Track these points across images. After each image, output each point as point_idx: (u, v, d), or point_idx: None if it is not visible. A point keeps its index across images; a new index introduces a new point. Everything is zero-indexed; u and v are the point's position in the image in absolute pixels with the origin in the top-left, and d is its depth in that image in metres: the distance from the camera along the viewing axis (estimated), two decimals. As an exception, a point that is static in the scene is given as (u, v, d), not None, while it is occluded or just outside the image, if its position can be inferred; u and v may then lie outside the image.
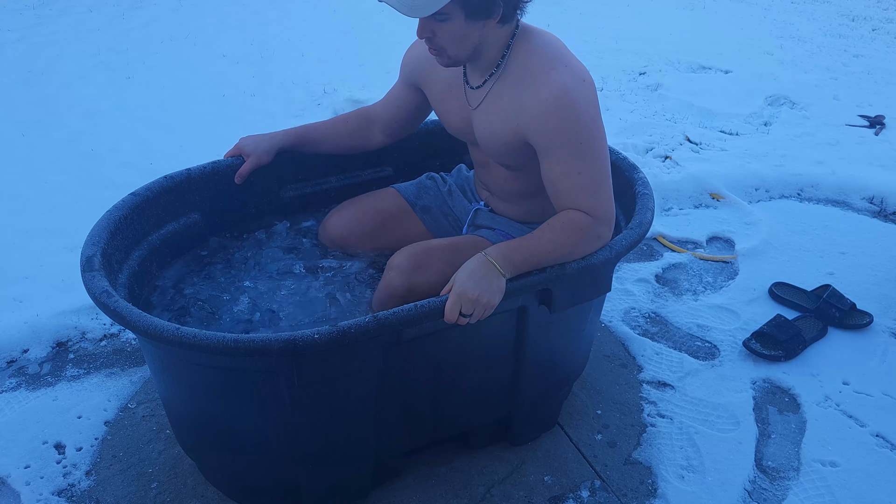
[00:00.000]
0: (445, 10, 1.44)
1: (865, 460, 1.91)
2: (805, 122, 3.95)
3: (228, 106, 3.94)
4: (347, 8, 5.72)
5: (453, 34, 1.50)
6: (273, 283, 1.78)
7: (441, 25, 1.49)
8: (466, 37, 1.51)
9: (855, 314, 2.39)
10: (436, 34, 1.51)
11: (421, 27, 1.51)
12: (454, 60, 1.58)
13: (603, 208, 1.55)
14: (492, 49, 1.58)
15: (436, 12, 1.43)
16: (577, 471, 1.87)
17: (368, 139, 2.00)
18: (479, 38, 1.54)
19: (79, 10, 5.43)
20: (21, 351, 2.20)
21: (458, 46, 1.53)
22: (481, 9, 1.47)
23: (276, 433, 1.55)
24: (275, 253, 1.89)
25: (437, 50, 1.55)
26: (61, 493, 1.78)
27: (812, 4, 6.38)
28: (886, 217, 3.07)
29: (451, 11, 1.45)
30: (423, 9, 1.42)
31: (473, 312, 1.42)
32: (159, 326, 1.34)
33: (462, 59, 1.58)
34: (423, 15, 1.44)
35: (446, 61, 1.58)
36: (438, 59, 1.58)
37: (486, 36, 1.54)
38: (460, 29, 1.49)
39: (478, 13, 1.48)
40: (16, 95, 3.98)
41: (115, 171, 3.19)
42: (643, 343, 2.29)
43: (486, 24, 1.51)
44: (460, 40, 1.52)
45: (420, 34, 1.53)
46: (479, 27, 1.51)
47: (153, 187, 1.80)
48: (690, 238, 2.87)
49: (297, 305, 1.72)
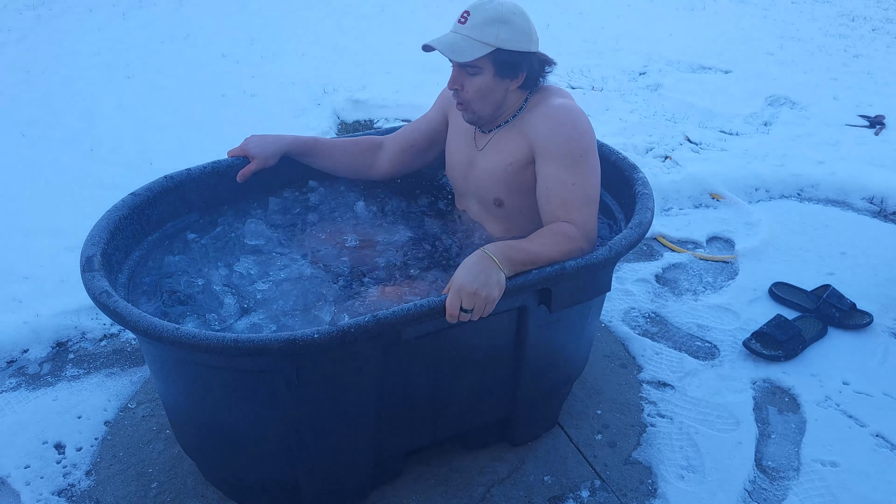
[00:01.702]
0: (479, 62, 1.63)
1: (865, 460, 1.91)
2: (805, 122, 3.95)
3: (228, 106, 3.94)
4: (347, 8, 5.73)
5: (481, 88, 1.67)
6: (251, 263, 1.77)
7: (471, 79, 1.66)
8: (492, 93, 1.68)
9: (855, 314, 2.39)
10: (464, 87, 1.68)
11: (453, 79, 1.69)
12: (477, 116, 1.72)
13: (590, 227, 1.63)
14: (510, 108, 1.74)
15: (469, 65, 1.63)
16: (577, 471, 1.87)
17: (373, 165, 2.02)
18: (502, 98, 1.70)
19: (79, 10, 5.43)
20: (21, 351, 2.20)
21: (482, 102, 1.69)
22: (510, 68, 1.65)
23: (276, 433, 1.55)
24: (258, 227, 1.88)
25: (464, 104, 1.71)
26: (61, 493, 1.78)
27: (812, 4, 6.38)
28: (886, 217, 3.07)
29: (483, 66, 1.64)
30: (464, 54, 1.61)
31: (474, 307, 1.43)
32: (159, 326, 1.34)
33: (485, 116, 1.72)
34: (463, 60, 1.61)
35: (470, 116, 1.73)
36: (464, 113, 1.74)
37: (508, 97, 1.71)
38: (488, 84, 1.66)
39: (506, 72, 1.65)
40: (16, 95, 3.98)
41: (115, 171, 3.19)
42: (643, 343, 2.29)
43: (510, 85, 1.68)
44: (486, 95, 1.68)
45: (451, 85, 1.70)
46: (505, 87, 1.68)
47: (153, 187, 1.80)
48: (690, 238, 2.87)
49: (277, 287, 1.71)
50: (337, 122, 3.85)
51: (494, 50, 1.61)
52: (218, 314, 1.59)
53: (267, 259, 1.77)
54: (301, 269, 1.73)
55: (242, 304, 1.63)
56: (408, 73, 4.41)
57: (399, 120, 3.86)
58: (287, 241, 1.87)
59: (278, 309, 1.61)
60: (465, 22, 1.62)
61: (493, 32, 1.60)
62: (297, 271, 1.72)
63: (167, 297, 1.64)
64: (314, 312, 1.57)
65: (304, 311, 1.59)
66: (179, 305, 1.63)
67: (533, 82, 1.71)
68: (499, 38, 1.60)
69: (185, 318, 1.58)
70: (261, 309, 1.62)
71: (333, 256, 1.80)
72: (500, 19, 1.60)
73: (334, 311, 1.57)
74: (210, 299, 1.64)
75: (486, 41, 1.60)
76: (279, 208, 1.97)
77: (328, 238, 1.86)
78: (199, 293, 1.66)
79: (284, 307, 1.61)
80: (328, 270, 1.75)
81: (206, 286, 1.68)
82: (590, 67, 4.57)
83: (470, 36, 1.61)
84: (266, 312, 1.59)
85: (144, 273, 1.71)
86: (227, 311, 1.61)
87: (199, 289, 1.67)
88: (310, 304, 1.62)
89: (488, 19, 1.60)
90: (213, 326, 1.56)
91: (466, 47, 1.60)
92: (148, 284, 1.68)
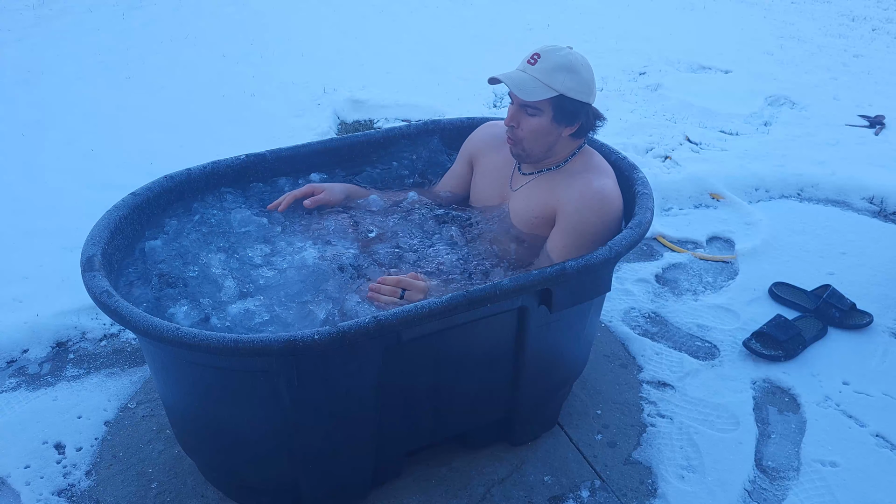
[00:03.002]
0: (540, 105, 1.68)
1: (865, 460, 1.91)
2: (805, 123, 3.95)
3: (228, 106, 3.94)
4: (348, 8, 5.73)
5: (536, 129, 1.71)
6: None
7: (529, 119, 1.71)
8: (546, 136, 1.73)
9: (855, 314, 2.39)
10: (520, 126, 1.73)
11: (511, 116, 1.73)
12: (527, 154, 1.77)
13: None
14: (558, 155, 1.79)
15: (530, 105, 1.68)
16: (577, 471, 1.87)
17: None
18: (553, 141, 1.75)
19: (79, 10, 5.43)
20: (21, 351, 2.20)
21: (535, 142, 1.74)
22: (568, 115, 1.71)
23: (276, 433, 1.55)
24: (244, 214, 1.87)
25: (515, 141, 1.75)
26: (61, 493, 1.78)
27: (812, 4, 6.38)
28: (886, 217, 3.07)
29: (544, 108, 1.69)
30: (531, 94, 1.66)
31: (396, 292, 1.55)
32: (159, 326, 1.34)
33: (534, 155, 1.77)
34: (528, 99, 1.66)
35: (519, 152, 1.77)
36: (513, 147, 1.78)
37: (559, 142, 1.76)
38: (544, 127, 1.71)
39: (564, 118, 1.71)
40: (16, 95, 3.98)
41: (115, 171, 3.19)
42: (643, 343, 2.29)
43: (563, 132, 1.73)
44: (539, 137, 1.73)
45: (508, 122, 1.74)
46: (558, 132, 1.73)
47: (153, 187, 1.80)
48: (690, 238, 2.87)
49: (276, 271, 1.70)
50: (337, 121, 3.85)
51: (558, 96, 1.67)
52: (213, 299, 1.58)
53: (270, 246, 1.76)
54: (304, 258, 1.72)
55: (242, 288, 1.62)
56: (408, 73, 4.41)
57: (399, 120, 3.85)
58: (291, 228, 1.86)
59: (275, 298, 1.60)
60: (535, 64, 1.68)
61: (561, 79, 1.66)
62: (300, 261, 1.71)
63: (157, 281, 1.63)
64: (310, 307, 1.56)
65: (301, 304, 1.59)
66: (169, 289, 1.62)
67: (584, 132, 1.77)
68: (564, 85, 1.66)
69: (177, 302, 1.58)
70: (259, 294, 1.61)
71: (342, 248, 1.79)
72: (568, 67, 1.67)
73: (331, 308, 1.56)
74: (207, 283, 1.64)
75: (552, 86, 1.66)
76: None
77: (338, 229, 1.85)
78: (194, 277, 1.65)
79: (281, 297, 1.60)
80: (334, 261, 1.75)
81: (202, 271, 1.66)
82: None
83: (538, 78, 1.66)
84: (261, 301, 1.58)
85: (129, 263, 1.70)
86: (226, 293, 1.60)
87: (195, 273, 1.66)
88: (308, 296, 1.61)
89: (558, 65, 1.66)
90: (206, 311, 1.56)
91: (533, 88, 1.66)
92: (133, 274, 1.67)
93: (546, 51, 1.69)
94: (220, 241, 1.78)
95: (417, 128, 2.18)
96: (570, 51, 1.71)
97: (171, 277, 1.65)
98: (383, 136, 2.14)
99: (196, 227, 1.82)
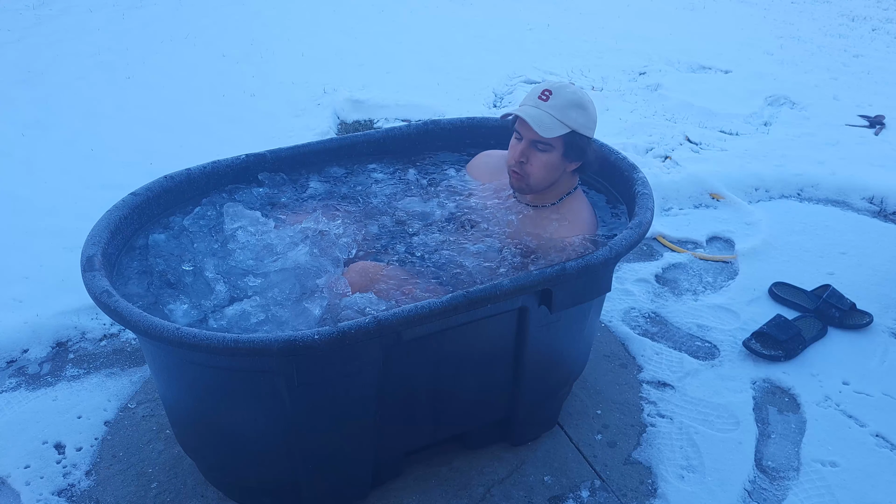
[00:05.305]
0: (554, 141, 1.71)
1: (865, 460, 1.91)
2: (805, 122, 3.95)
3: (228, 106, 3.94)
4: (347, 8, 5.73)
5: (546, 164, 1.75)
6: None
7: (539, 155, 1.74)
8: (554, 170, 1.77)
9: (855, 314, 2.39)
10: (530, 161, 1.75)
11: (521, 152, 1.75)
12: (530, 188, 1.80)
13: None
14: (557, 191, 1.83)
15: (543, 141, 1.70)
16: (577, 471, 1.87)
17: None
18: (559, 176, 1.79)
19: (79, 10, 5.43)
20: (21, 351, 2.20)
21: (542, 176, 1.77)
22: (577, 150, 1.75)
23: (276, 433, 1.55)
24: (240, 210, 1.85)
25: (522, 175, 1.78)
26: (61, 493, 1.78)
27: (812, 4, 6.38)
28: (886, 217, 3.07)
29: (556, 144, 1.72)
30: (549, 131, 1.69)
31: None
32: (159, 326, 1.34)
33: (538, 188, 1.80)
34: (547, 135, 1.69)
35: (523, 187, 1.80)
36: (518, 181, 1.80)
37: (563, 177, 1.80)
38: (554, 162, 1.75)
39: (573, 153, 1.75)
40: (16, 95, 3.98)
41: (115, 171, 3.18)
42: (643, 343, 2.29)
43: (568, 167, 1.78)
44: (547, 172, 1.76)
45: (518, 158, 1.76)
46: (564, 167, 1.77)
47: (153, 187, 1.80)
48: (690, 238, 2.87)
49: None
50: (337, 121, 3.84)
51: (570, 132, 1.70)
52: (209, 299, 1.58)
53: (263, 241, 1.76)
54: (297, 256, 1.71)
55: (233, 293, 1.62)
56: (408, 73, 4.40)
57: (399, 120, 3.86)
58: (284, 222, 1.84)
59: (271, 297, 1.60)
60: (548, 100, 1.70)
61: (573, 116, 1.70)
62: (293, 259, 1.70)
63: (156, 280, 1.63)
64: (304, 304, 1.56)
65: (296, 301, 1.59)
66: (168, 288, 1.62)
67: (584, 169, 1.82)
68: (577, 122, 1.70)
69: (176, 300, 1.58)
70: (254, 294, 1.61)
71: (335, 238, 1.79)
72: (579, 104, 1.71)
73: (325, 304, 1.56)
74: (201, 285, 1.63)
75: (566, 122, 1.69)
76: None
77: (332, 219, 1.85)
78: (189, 279, 1.65)
79: (276, 295, 1.60)
80: (328, 255, 1.74)
81: (197, 271, 1.66)
82: (590, 67, 4.57)
83: (553, 115, 1.69)
84: (258, 301, 1.58)
85: (129, 262, 1.69)
86: (216, 297, 1.59)
87: (190, 274, 1.66)
88: (303, 294, 1.61)
89: (570, 102, 1.70)
90: (205, 310, 1.56)
91: (551, 125, 1.69)
92: (135, 269, 1.67)
93: (556, 87, 1.72)
94: (216, 238, 1.78)
95: (417, 128, 2.18)
96: (576, 87, 1.75)
97: (170, 276, 1.65)
98: (383, 136, 2.14)
99: (194, 221, 1.82)
